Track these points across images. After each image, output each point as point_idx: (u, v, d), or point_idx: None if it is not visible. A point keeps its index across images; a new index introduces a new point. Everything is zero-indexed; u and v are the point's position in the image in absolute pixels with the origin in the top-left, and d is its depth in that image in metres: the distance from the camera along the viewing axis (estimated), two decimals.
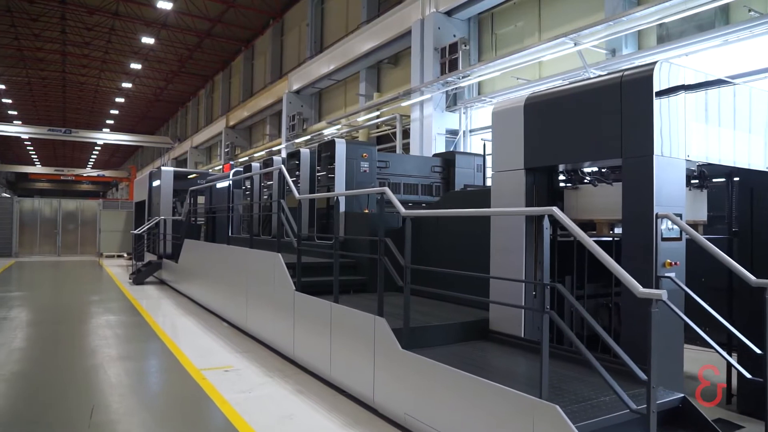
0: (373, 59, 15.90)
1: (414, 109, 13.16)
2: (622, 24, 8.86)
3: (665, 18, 8.35)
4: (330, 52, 17.46)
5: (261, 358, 6.04)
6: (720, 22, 8.36)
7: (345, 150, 6.58)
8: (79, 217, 23.11)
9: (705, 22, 8.49)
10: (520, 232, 4.40)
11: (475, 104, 12.13)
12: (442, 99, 12.61)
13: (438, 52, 12.52)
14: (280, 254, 6.04)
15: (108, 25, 24.56)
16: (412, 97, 13.06)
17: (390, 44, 14.67)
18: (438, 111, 12.64)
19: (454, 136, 12.62)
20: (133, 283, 13.02)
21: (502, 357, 4.06)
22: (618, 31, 9.01)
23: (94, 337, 7.18)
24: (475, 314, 4.90)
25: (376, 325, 4.26)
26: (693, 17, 8.41)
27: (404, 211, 4.10)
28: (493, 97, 11.65)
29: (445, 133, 12.57)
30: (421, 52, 12.88)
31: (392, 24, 14.22)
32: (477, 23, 12.78)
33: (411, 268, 4.02)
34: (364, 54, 15.59)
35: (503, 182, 4.59)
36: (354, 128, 16.21)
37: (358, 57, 15.90)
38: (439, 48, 12.47)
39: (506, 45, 11.95)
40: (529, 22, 11.39)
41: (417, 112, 13.05)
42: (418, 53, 12.94)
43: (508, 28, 12.00)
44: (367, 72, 16.61)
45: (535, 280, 4.21)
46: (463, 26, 12.77)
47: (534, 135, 4.34)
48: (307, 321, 5.39)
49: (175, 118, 42.10)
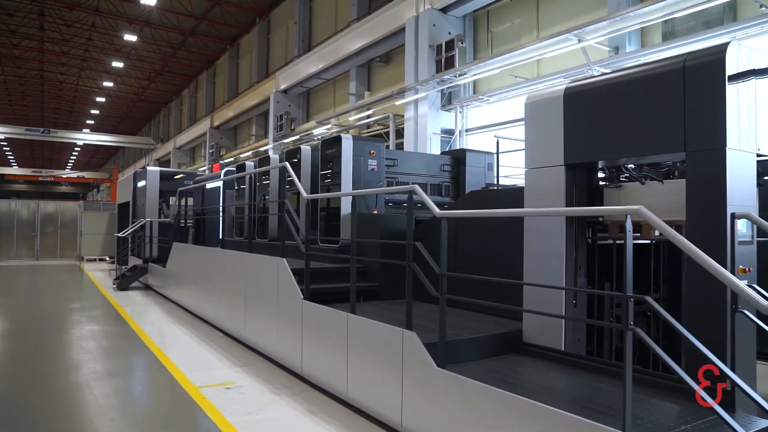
0: (363, 58, 15.37)
1: (408, 108, 12.67)
2: (629, 20, 8.48)
3: (672, 14, 7.99)
4: (319, 50, 16.88)
5: (264, 373, 5.46)
6: (728, 19, 8.05)
7: (352, 146, 6.03)
8: (58, 220, 22.05)
9: (712, 18, 8.17)
10: (559, 234, 3.93)
11: (473, 103, 11.69)
12: (437, 98, 12.14)
13: (433, 50, 12.07)
14: (285, 259, 5.46)
15: (88, 22, 23.52)
16: (406, 96, 12.57)
17: (381, 42, 14.18)
18: (433, 110, 12.17)
19: (450, 135, 12.17)
20: (117, 289, 12.23)
21: (548, 374, 3.57)
22: (623, 27, 8.64)
23: (77, 350, 6.50)
24: (505, 324, 4.41)
25: (405, 339, 3.73)
26: (700, 14, 8.08)
27: (439, 211, 3.58)
28: (491, 96, 11.23)
29: (441, 133, 12.11)
30: (415, 50, 12.40)
31: (384, 21, 13.72)
32: (472, 21, 12.35)
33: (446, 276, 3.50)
34: (355, 52, 15.07)
35: (539, 180, 4.11)
36: (344, 128, 15.65)
37: (348, 55, 15.36)
38: (434, 45, 12.02)
39: (502, 43, 11.54)
40: (527, 20, 10.99)
41: (411, 111, 12.57)
42: (412, 51, 12.46)
43: (505, 25, 11.58)
44: (357, 71, 16.08)
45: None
46: (458, 23, 12.33)
47: (576, 128, 3.87)
48: (318, 333, 4.83)
49: (158, 119, 40.92)
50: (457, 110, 12.13)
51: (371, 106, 14.50)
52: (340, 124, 16.07)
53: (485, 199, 5.23)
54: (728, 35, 7.61)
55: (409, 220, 3.85)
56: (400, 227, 5.67)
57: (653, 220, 2.41)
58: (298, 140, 18.04)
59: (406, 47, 12.61)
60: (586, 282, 4.05)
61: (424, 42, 12.10)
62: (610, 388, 3.23)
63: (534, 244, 4.11)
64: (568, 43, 9.06)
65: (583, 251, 4.02)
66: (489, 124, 11.54)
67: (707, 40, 7.71)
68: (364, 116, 14.86)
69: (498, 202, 4.84)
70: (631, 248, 2.51)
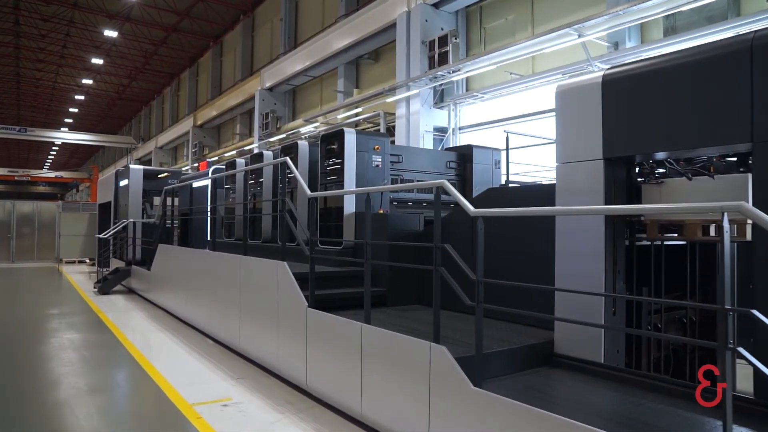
0: (352, 54, 14.88)
1: (399, 106, 12.22)
2: (631, 14, 8.16)
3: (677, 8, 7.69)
4: (306, 47, 16.32)
5: (263, 387, 4.93)
6: (732, 14, 7.78)
7: (355, 141, 5.54)
8: (36, 220, 21.02)
9: (716, 13, 7.89)
10: (597, 235, 3.51)
11: (467, 100, 11.29)
12: (429, 95, 11.71)
13: (426, 46, 11.63)
14: (286, 262, 4.94)
15: (66, 17, 22.48)
16: (398, 93, 12.11)
17: (371, 39, 13.70)
18: (426, 107, 11.74)
19: (443, 134, 11.75)
20: (98, 293, 11.49)
21: (593, 391, 3.14)
22: (624, 22, 8.33)
23: (56, 363, 5.88)
24: (532, 334, 3.98)
25: (433, 354, 3.27)
26: (702, 9, 7.80)
27: (474, 209, 3.13)
28: (485, 92, 10.85)
29: (433, 131, 11.68)
30: (407, 46, 11.95)
31: (374, 17, 13.24)
32: (465, 17, 11.94)
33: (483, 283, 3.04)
34: (343, 49, 14.56)
35: (572, 175, 3.69)
36: (332, 126, 15.12)
37: (336, 52, 14.85)
38: (426, 41, 11.59)
39: (495, 40, 11.16)
40: (521, 16, 10.63)
41: (403, 108, 12.12)
42: (403, 47, 12.00)
43: (498, 21, 11.20)
44: (345, 68, 15.57)
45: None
46: (451, 19, 11.93)
47: (616, 118, 3.45)
48: (326, 344, 4.33)
49: (139, 118, 39.70)
50: (450, 108, 11.72)
51: (361, 104, 14.01)
52: (328, 122, 15.55)
53: (508, 196, 4.79)
54: (732, 30, 7.34)
55: (436, 219, 3.39)
56: (408, 227, 5.20)
57: (760, 218, 1.99)
58: (285, 139, 17.47)
59: (398, 43, 12.16)
60: (625, 287, 3.65)
61: (416, 38, 11.67)
62: (659, 406, 2.83)
63: (567, 245, 3.69)
64: (568, 38, 8.71)
65: (622, 253, 3.61)
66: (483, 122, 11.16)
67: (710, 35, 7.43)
68: (353, 114, 14.36)
69: (523, 200, 4.40)
70: (728, 250, 2.08)
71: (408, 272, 5.10)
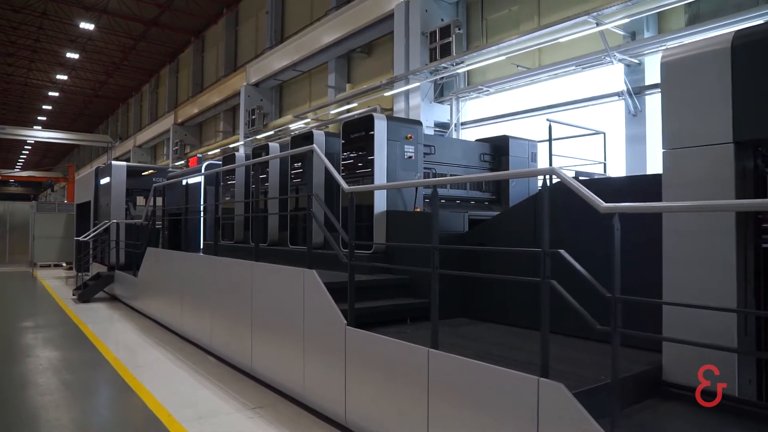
0: (344, 48, 13.98)
1: (398, 100, 11.39)
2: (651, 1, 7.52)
3: None
4: (294, 41, 15.33)
5: (289, 420, 4.02)
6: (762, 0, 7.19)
7: (386, 128, 4.67)
8: (7, 222, 19.42)
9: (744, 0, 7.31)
10: (727, 238, 2.75)
11: (471, 94, 10.52)
12: (430, 89, 10.91)
13: (426, 37, 10.83)
14: (315, 271, 4.04)
15: (39, 9, 20.83)
16: (396, 87, 11.26)
17: (363, 31, 12.84)
18: (426, 102, 10.93)
19: (444, 129, 10.97)
20: (78, 301, 10.28)
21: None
22: (644, 10, 7.69)
23: (32, 391, 4.84)
24: (630, 356, 3.19)
25: (543, 391, 2.43)
26: None
27: (604, 204, 2.32)
28: (491, 86, 10.10)
29: (434, 126, 10.88)
30: (405, 38, 11.12)
31: (367, 9, 12.37)
32: (465, 8, 11.17)
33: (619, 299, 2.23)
34: (334, 42, 13.66)
35: (686, 163, 2.92)
36: (323, 122, 14.18)
37: (326, 45, 13.93)
38: (427, 33, 10.79)
39: (498, 31, 10.43)
40: (526, 6, 9.91)
41: (401, 103, 11.29)
42: (402, 38, 11.17)
43: (501, 12, 10.46)
44: (336, 62, 14.66)
45: None
46: (452, 10, 11.16)
47: (754, 90, 2.69)
48: (374, 372, 3.46)
49: (116, 115, 37.77)
50: (452, 102, 10.94)
51: (355, 99, 13.12)
52: (319, 118, 14.62)
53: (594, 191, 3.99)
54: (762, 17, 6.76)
55: (544, 216, 2.55)
56: (451, 228, 4.37)
57: None
58: (272, 136, 16.46)
59: (396, 35, 11.32)
60: (755, 301, 2.90)
61: (416, 29, 10.85)
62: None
63: (680, 249, 2.92)
64: (584, 26, 8.03)
65: (751, 260, 2.86)
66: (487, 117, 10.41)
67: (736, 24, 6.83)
68: (344, 110, 13.47)
69: (617, 194, 3.61)
70: None
71: (450, 281, 4.27)
